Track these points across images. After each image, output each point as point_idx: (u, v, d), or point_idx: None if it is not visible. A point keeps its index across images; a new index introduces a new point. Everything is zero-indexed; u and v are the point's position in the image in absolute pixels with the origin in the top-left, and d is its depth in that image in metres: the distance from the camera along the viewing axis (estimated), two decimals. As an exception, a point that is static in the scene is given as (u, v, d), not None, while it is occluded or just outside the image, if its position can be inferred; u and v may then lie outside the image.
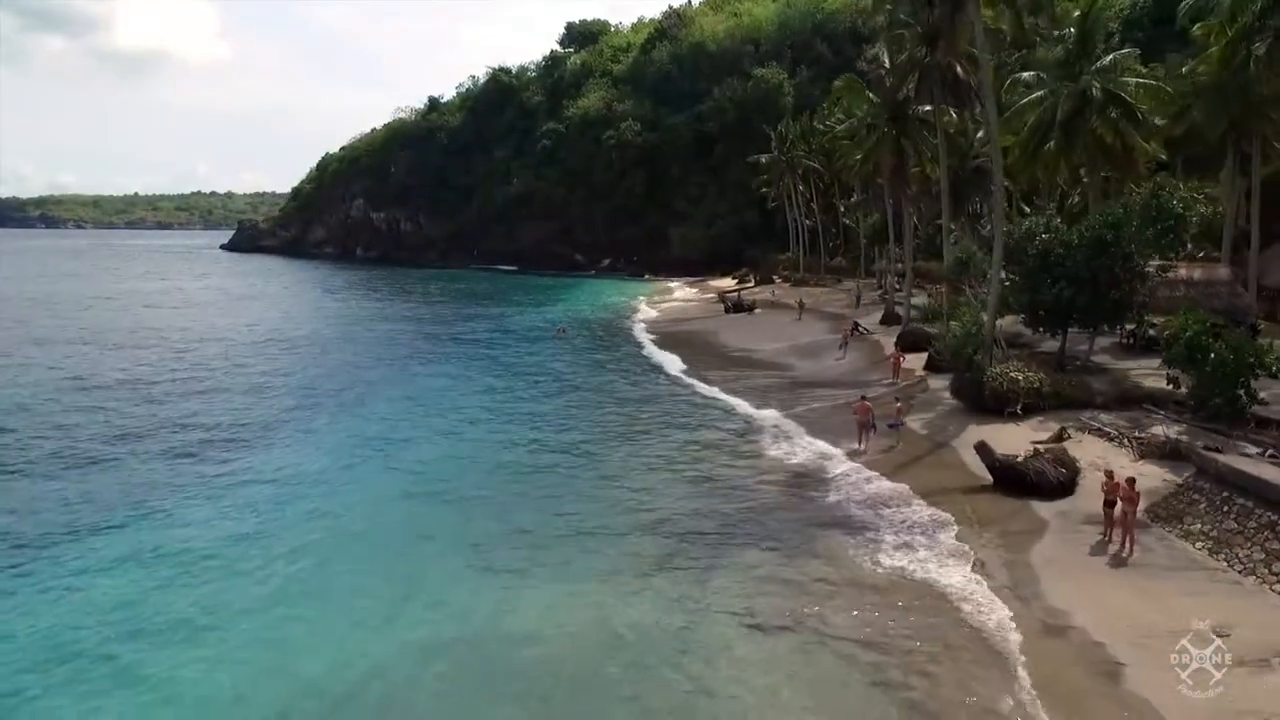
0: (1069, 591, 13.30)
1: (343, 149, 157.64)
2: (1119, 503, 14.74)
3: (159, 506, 18.72)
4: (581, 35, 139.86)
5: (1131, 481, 14.52)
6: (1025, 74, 32.33)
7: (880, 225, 55.23)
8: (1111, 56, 31.59)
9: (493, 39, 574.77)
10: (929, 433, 23.49)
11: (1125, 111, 31.73)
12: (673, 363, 37.75)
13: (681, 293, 78.51)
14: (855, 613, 13.24)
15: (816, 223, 79.38)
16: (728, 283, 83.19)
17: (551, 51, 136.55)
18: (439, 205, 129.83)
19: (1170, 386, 21.47)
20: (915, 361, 32.24)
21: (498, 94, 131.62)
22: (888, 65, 35.60)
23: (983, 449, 18.62)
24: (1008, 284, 28.07)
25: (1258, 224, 34.87)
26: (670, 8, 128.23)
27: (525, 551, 16.21)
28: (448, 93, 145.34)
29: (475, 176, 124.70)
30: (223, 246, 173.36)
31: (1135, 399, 23.23)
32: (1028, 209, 61.18)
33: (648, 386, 32.83)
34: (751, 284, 77.83)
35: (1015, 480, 17.85)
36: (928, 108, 35.32)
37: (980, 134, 44.58)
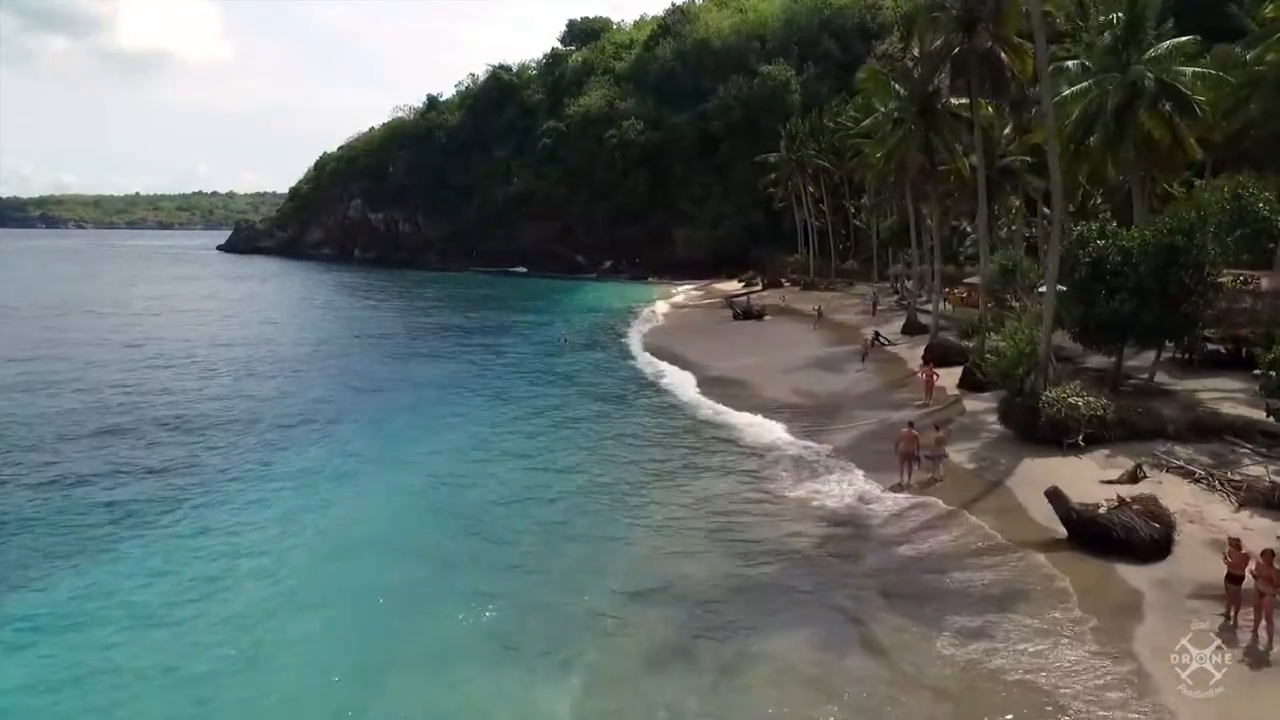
0: (1204, 706, 10.41)
1: (340, 149, 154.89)
2: (1246, 577, 11.88)
3: (80, 577, 15.75)
4: (583, 33, 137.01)
5: (1270, 555, 11.58)
6: (1069, 63, 29.38)
7: (898, 227, 52.39)
8: (1168, 43, 28.66)
9: (493, 39, 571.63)
10: (977, 467, 20.58)
11: (1180, 104, 28.86)
12: (682, 380, 34.64)
13: (686, 297, 75.54)
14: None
15: (826, 224, 76.57)
16: (734, 285, 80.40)
17: (552, 49, 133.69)
18: (437, 205, 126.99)
19: (1273, 419, 18.51)
20: (947, 378, 29.39)
21: (498, 92, 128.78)
22: (917, 54, 32.64)
23: (1056, 497, 15.70)
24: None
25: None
26: (674, 4, 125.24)
27: (504, 634, 13.34)
28: (447, 92, 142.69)
29: (474, 176, 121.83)
30: (219, 248, 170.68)
31: (1213, 429, 20.33)
32: (1047, 210, 58.47)
33: (656, 409, 29.78)
34: (759, 287, 75.07)
35: (1097, 537, 14.97)
36: (960, 100, 32.39)
37: (1008, 130, 41.85)
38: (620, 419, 28.18)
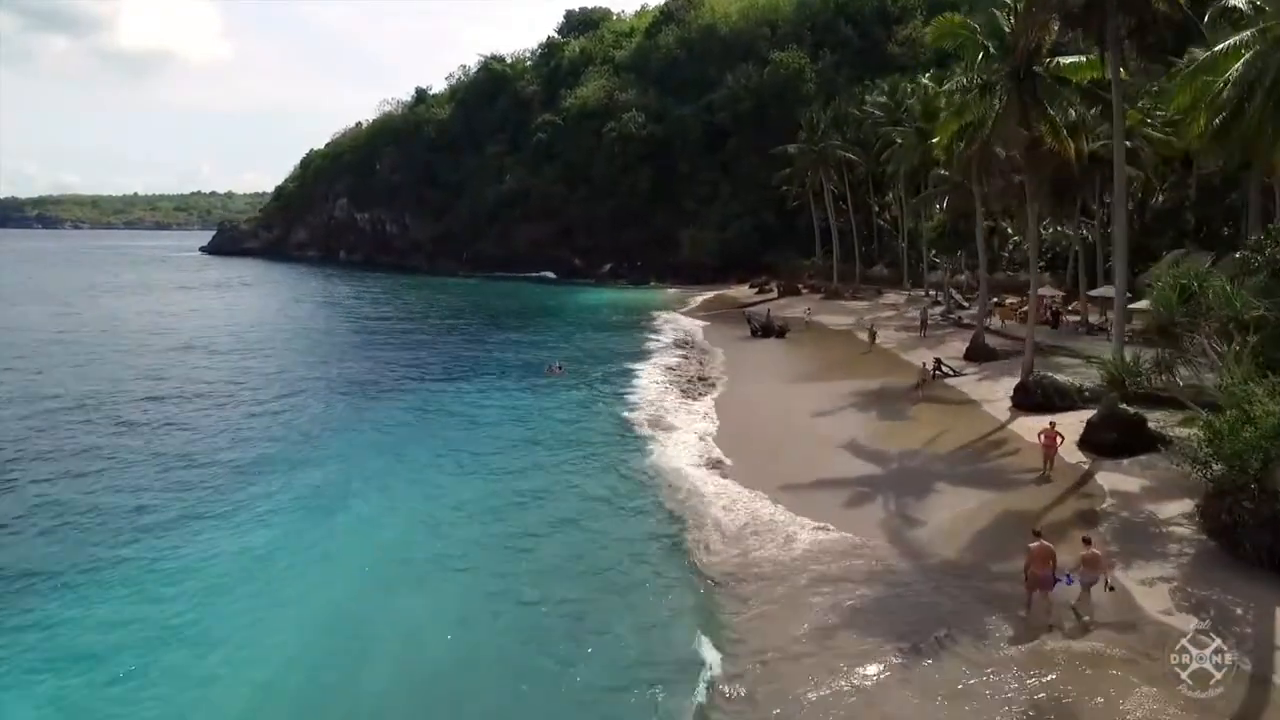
0: None
1: (327, 145, 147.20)
2: None
3: None
4: (581, 23, 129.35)
5: None
6: (1236, 1, 21.43)
7: (947, 226, 44.47)
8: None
9: (493, 39, 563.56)
10: (1188, 614, 12.62)
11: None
12: (699, 436, 25.78)
13: (695, 306, 67.36)
14: None
15: (850, 224, 68.70)
16: (745, 291, 72.74)
17: (548, 38, 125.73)
18: (426, 205, 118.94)
19: None
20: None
21: (490, 84, 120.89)
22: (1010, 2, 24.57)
23: None
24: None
25: None
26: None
27: None
28: (439, 85, 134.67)
29: (465, 173, 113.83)
30: (202, 249, 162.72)
31: None
32: (1095, 207, 50.65)
33: (666, 483, 21.20)
34: (774, 294, 67.32)
35: None
36: (1069, 60, 24.41)
37: (1095, 110, 33.83)
38: (620, 502, 19.66)
